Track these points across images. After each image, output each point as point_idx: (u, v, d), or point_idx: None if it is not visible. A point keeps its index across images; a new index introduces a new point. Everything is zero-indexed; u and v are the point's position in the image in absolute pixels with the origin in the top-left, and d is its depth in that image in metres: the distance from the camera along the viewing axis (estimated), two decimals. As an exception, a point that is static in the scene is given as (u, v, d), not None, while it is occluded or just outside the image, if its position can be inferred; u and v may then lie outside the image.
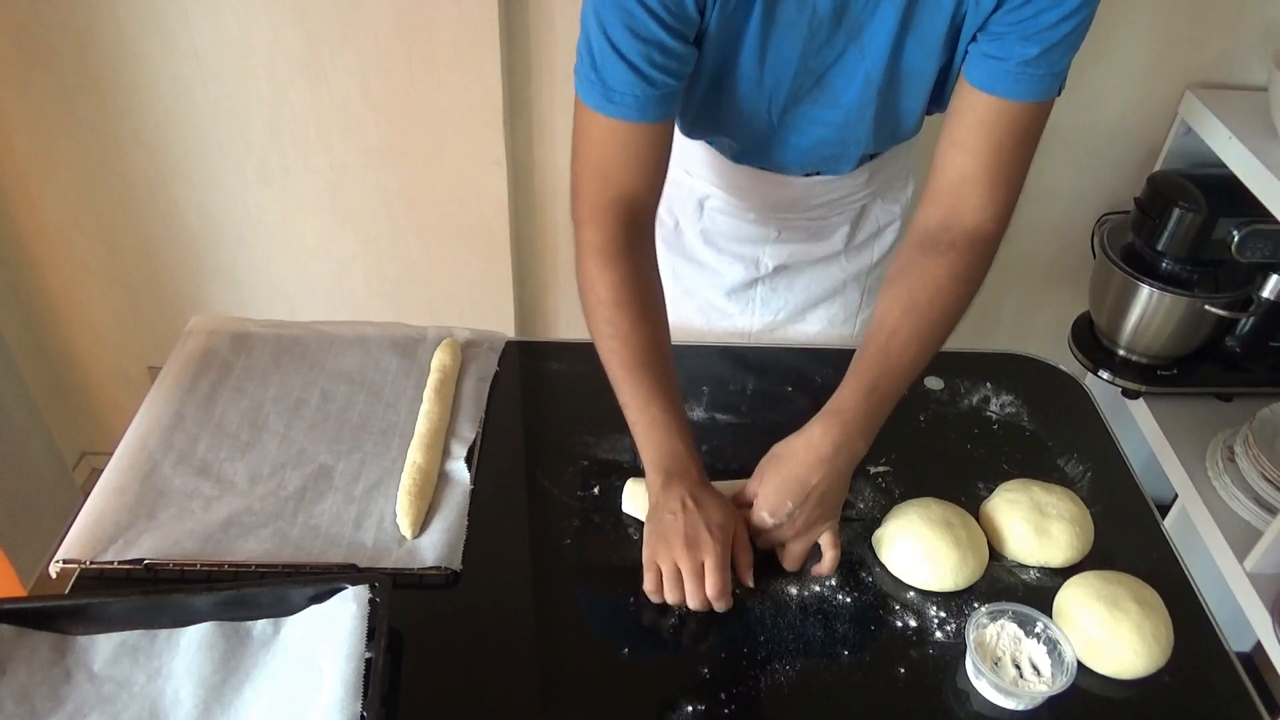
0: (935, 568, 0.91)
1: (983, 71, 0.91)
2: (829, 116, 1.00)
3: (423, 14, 1.54)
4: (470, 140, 1.67)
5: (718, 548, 0.87)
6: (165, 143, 1.70)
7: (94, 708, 0.76)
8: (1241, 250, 1.55)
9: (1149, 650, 0.85)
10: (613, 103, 0.90)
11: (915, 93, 0.98)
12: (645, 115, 0.91)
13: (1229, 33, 1.63)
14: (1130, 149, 1.77)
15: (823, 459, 0.90)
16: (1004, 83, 0.90)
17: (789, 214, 1.20)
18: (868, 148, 1.07)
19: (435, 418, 1.05)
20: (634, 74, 0.88)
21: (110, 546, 0.91)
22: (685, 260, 1.28)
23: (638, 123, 0.91)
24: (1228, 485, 1.57)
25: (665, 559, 0.88)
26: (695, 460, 0.93)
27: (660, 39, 0.86)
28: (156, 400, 1.07)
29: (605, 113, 0.91)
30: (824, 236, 1.25)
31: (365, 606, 0.79)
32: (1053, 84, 0.92)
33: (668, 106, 0.92)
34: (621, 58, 0.87)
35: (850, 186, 1.17)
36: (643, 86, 0.88)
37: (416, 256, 1.84)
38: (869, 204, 1.24)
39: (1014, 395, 1.16)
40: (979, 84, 0.92)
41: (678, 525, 0.88)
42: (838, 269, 1.28)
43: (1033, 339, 2.04)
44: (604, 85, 0.89)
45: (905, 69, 0.95)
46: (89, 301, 1.91)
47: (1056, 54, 0.89)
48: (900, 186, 1.26)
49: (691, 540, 0.87)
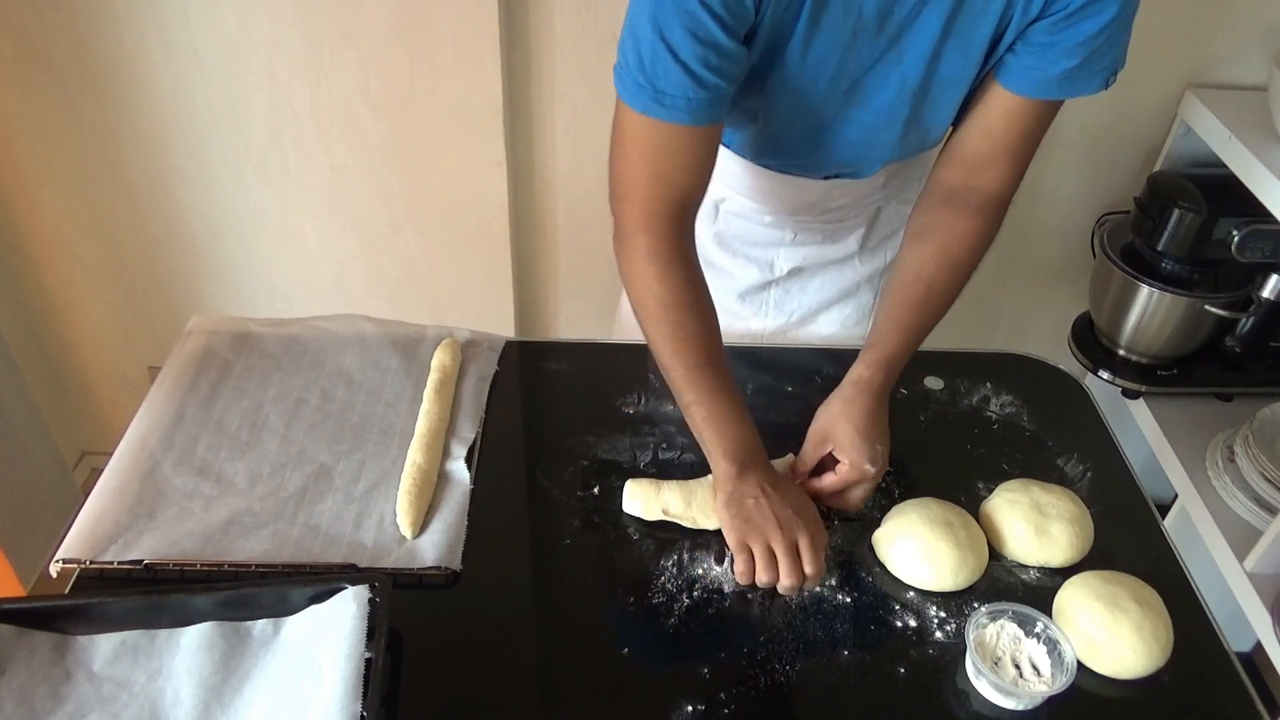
0: (935, 568, 0.91)
1: (1022, 80, 0.91)
2: (860, 119, 1.00)
3: (423, 14, 1.54)
4: (470, 140, 1.67)
5: (811, 527, 0.91)
6: (165, 143, 1.70)
7: (94, 708, 0.76)
8: (1241, 250, 1.55)
9: (1149, 650, 0.85)
10: (663, 105, 0.88)
11: (948, 100, 0.97)
12: (696, 118, 0.89)
13: (1229, 33, 1.63)
14: (1130, 149, 1.77)
15: (881, 399, 0.98)
16: (1044, 88, 0.91)
17: (805, 216, 1.20)
18: (894, 153, 1.06)
19: (435, 418, 1.05)
20: (688, 76, 0.86)
21: (110, 546, 0.91)
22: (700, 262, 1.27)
23: (690, 126, 0.90)
24: (1228, 485, 1.57)
25: (758, 540, 0.90)
26: (761, 449, 0.96)
27: (718, 40, 0.85)
28: (156, 400, 1.07)
29: (654, 115, 0.89)
30: (839, 239, 1.24)
31: (365, 606, 0.79)
32: (1096, 78, 0.91)
33: (717, 109, 0.91)
34: (676, 59, 0.85)
35: (867, 189, 1.17)
36: (695, 89, 0.87)
37: (416, 256, 1.84)
38: (883, 205, 1.23)
39: (1014, 395, 1.16)
40: (1018, 90, 0.92)
41: (765, 508, 0.91)
42: (851, 271, 1.28)
43: (1033, 339, 2.04)
44: (654, 89, 0.87)
45: (943, 75, 0.94)
46: (89, 301, 1.91)
47: (1102, 53, 0.89)
48: (914, 189, 1.24)
49: (785, 522, 0.90)
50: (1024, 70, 0.91)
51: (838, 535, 0.98)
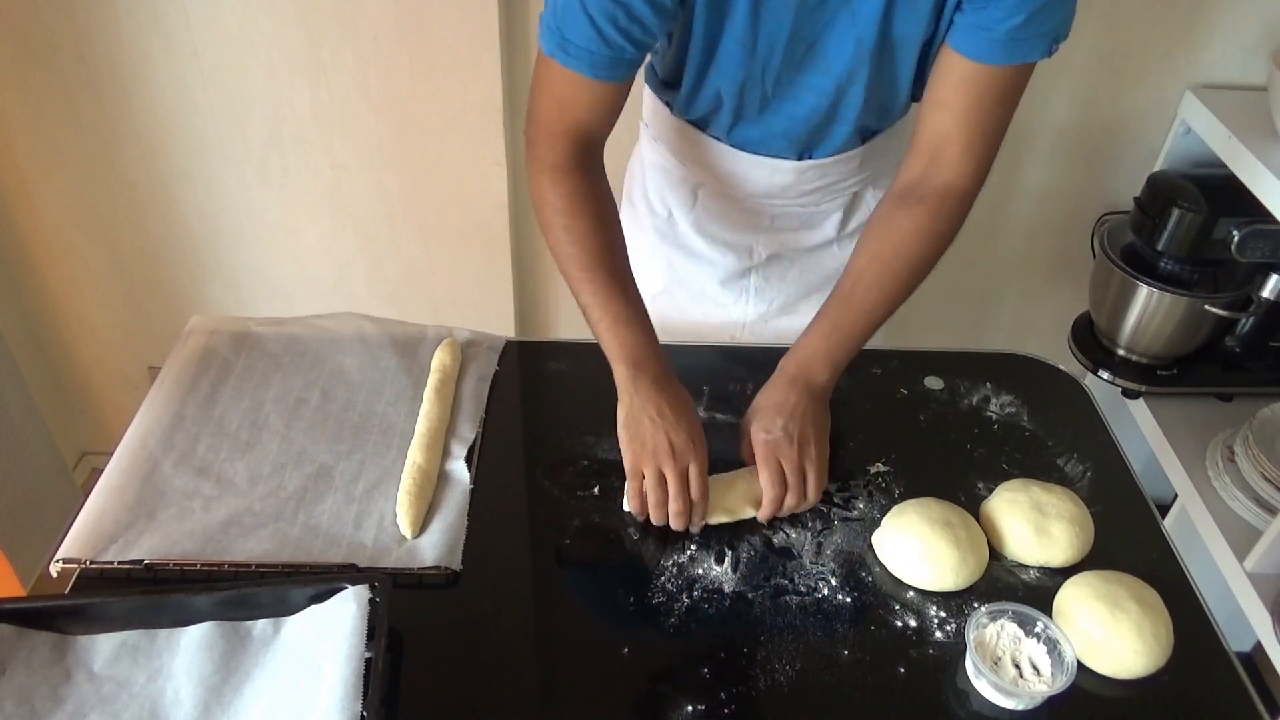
0: (935, 568, 0.91)
1: (969, 40, 0.92)
2: (822, 83, 1.01)
3: (423, 14, 1.54)
4: (470, 140, 1.67)
5: (700, 452, 0.93)
6: (165, 143, 1.70)
7: (94, 708, 0.76)
8: (1241, 250, 1.55)
9: (1149, 650, 0.85)
10: (568, 54, 0.91)
11: (906, 60, 0.99)
12: (598, 73, 0.92)
13: (1229, 33, 1.63)
14: (1130, 149, 1.77)
15: (791, 381, 0.99)
16: (990, 50, 0.92)
17: (781, 200, 1.21)
18: (861, 118, 1.07)
19: (435, 418, 1.05)
20: (593, 30, 0.88)
21: (110, 546, 0.91)
22: (678, 250, 1.29)
23: (590, 79, 0.93)
24: (1228, 485, 1.57)
25: (651, 467, 0.93)
26: (658, 352, 0.98)
27: (631, 4, 0.87)
28: (156, 400, 1.07)
29: (560, 61, 0.93)
30: (816, 225, 1.26)
31: (365, 606, 0.80)
32: (1039, 44, 0.92)
33: (622, 70, 0.94)
34: (584, 11, 0.88)
35: (842, 172, 1.18)
36: (599, 44, 0.89)
37: (416, 256, 1.84)
38: (861, 191, 1.24)
39: (1014, 395, 1.16)
40: (966, 52, 0.93)
41: (660, 432, 0.93)
42: (830, 258, 1.28)
43: (1033, 339, 2.04)
44: (561, 35, 0.90)
45: (897, 34, 0.96)
46: (89, 301, 1.91)
47: (1044, 15, 0.89)
48: (891, 174, 1.26)
49: (679, 449, 0.92)
50: (971, 30, 0.92)
51: (838, 535, 0.98)
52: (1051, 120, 1.74)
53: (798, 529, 0.98)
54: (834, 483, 1.03)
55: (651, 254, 1.30)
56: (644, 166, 1.29)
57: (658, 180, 1.27)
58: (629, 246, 1.05)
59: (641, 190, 1.30)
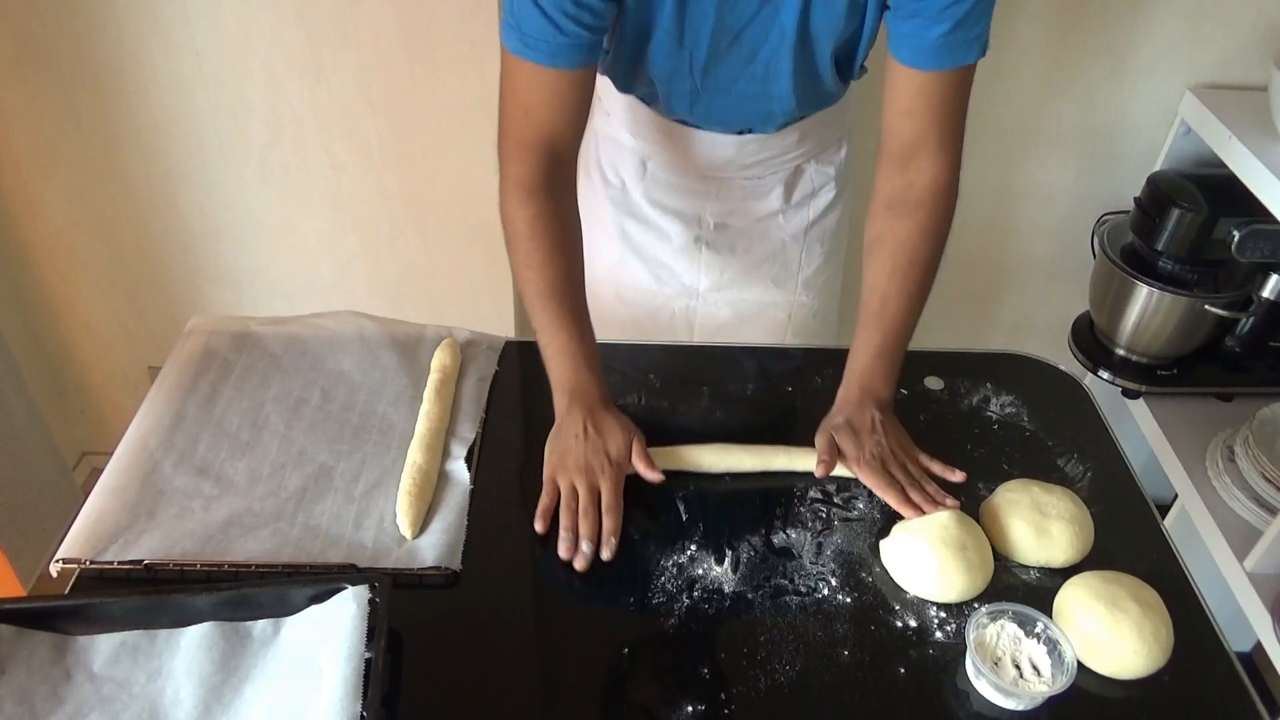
0: (944, 588, 0.91)
1: (907, 50, 0.97)
2: (750, 72, 1.06)
3: (423, 14, 1.54)
4: (470, 140, 1.67)
5: (616, 474, 0.97)
6: (165, 143, 1.70)
7: (94, 708, 0.76)
8: (1241, 250, 1.55)
9: (1149, 650, 0.85)
10: (528, 47, 0.95)
11: (825, 51, 1.03)
12: (558, 61, 0.96)
13: (1229, 33, 1.63)
14: (1130, 149, 1.77)
15: (860, 403, 1.05)
16: (927, 57, 0.96)
17: (724, 173, 1.26)
18: (792, 105, 1.12)
19: (435, 418, 1.05)
20: (547, 21, 0.93)
21: (110, 546, 0.91)
22: (633, 219, 1.33)
23: (551, 68, 0.96)
24: (1228, 485, 1.57)
25: (565, 481, 0.97)
26: (598, 384, 1.03)
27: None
28: (156, 400, 1.07)
29: (522, 56, 0.96)
30: (761, 196, 1.30)
31: (365, 606, 0.79)
32: (972, 47, 0.96)
33: (581, 55, 0.97)
34: (537, 5, 0.92)
35: (781, 147, 1.23)
36: (555, 34, 0.93)
37: (416, 256, 1.84)
38: (803, 165, 1.29)
39: (1014, 395, 1.16)
40: (907, 62, 0.98)
41: (579, 450, 0.98)
42: (776, 229, 1.33)
43: (1033, 339, 2.04)
44: (519, 30, 0.94)
45: (816, 27, 1.00)
46: (89, 301, 1.91)
47: (970, 22, 0.94)
48: (833, 150, 1.31)
49: (594, 467, 0.97)
50: (906, 39, 0.97)
51: (838, 535, 0.98)
52: (1052, 120, 1.74)
53: (798, 529, 0.98)
54: (834, 482, 1.03)
55: (608, 223, 1.35)
56: (597, 138, 1.33)
57: (610, 152, 1.32)
58: (587, 218, 1.09)
59: (596, 161, 1.34)
